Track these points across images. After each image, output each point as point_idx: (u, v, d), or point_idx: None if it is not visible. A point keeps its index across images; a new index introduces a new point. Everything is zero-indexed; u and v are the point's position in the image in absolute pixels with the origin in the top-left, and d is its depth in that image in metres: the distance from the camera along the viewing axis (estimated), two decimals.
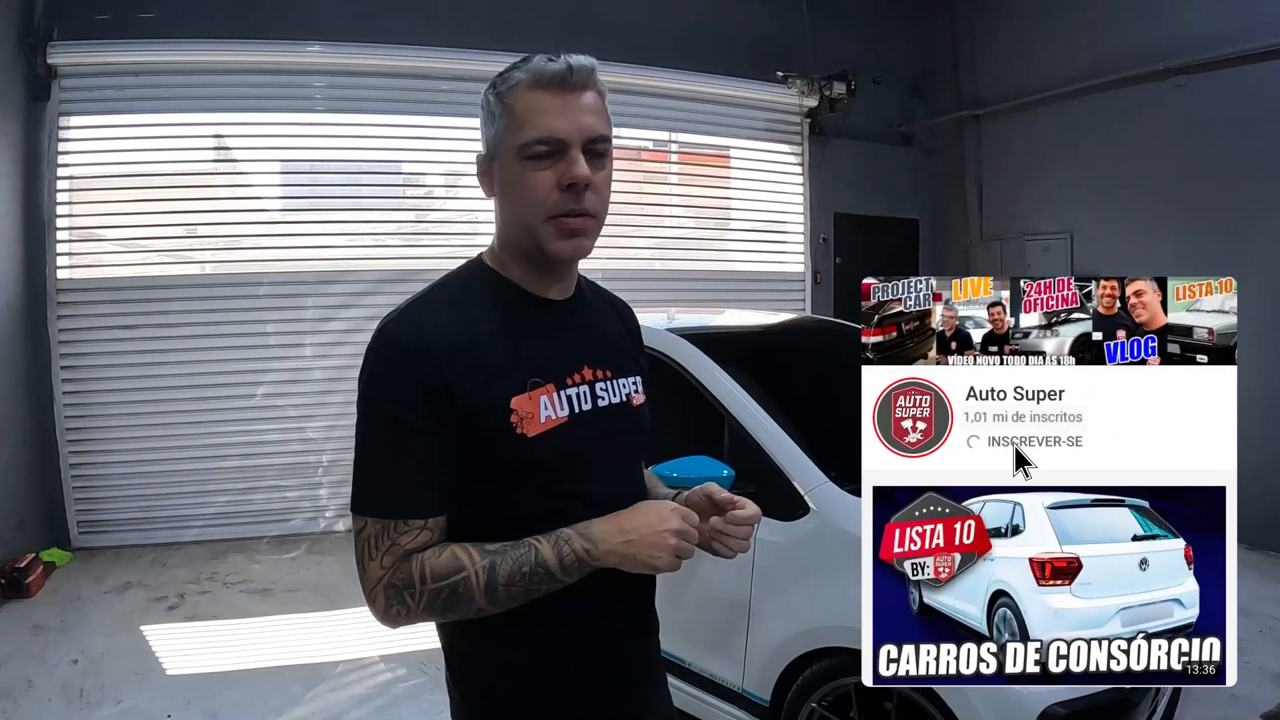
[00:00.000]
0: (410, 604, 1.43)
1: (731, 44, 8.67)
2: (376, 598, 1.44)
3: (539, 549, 1.43)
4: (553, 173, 1.46)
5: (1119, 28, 7.56)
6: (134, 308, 6.79)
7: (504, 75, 1.51)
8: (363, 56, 7.20)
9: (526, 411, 1.47)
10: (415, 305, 1.54)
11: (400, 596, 1.43)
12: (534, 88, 1.47)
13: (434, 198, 8.06)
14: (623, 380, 1.65)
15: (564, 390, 1.53)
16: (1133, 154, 7.52)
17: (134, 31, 6.62)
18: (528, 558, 1.42)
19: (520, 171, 1.47)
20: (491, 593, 1.42)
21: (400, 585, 1.42)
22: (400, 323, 1.50)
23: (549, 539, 1.44)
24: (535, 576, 1.43)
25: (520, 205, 1.49)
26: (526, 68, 1.48)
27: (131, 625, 5.20)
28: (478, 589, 1.41)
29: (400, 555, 1.42)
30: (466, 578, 1.41)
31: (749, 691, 3.41)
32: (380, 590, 1.44)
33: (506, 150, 1.49)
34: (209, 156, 7.25)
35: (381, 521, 1.44)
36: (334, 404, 7.27)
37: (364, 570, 1.46)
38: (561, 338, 1.58)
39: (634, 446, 1.69)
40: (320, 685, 4.47)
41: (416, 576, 1.41)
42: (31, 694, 4.35)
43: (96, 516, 6.81)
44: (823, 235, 9.29)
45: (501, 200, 1.53)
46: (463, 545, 1.44)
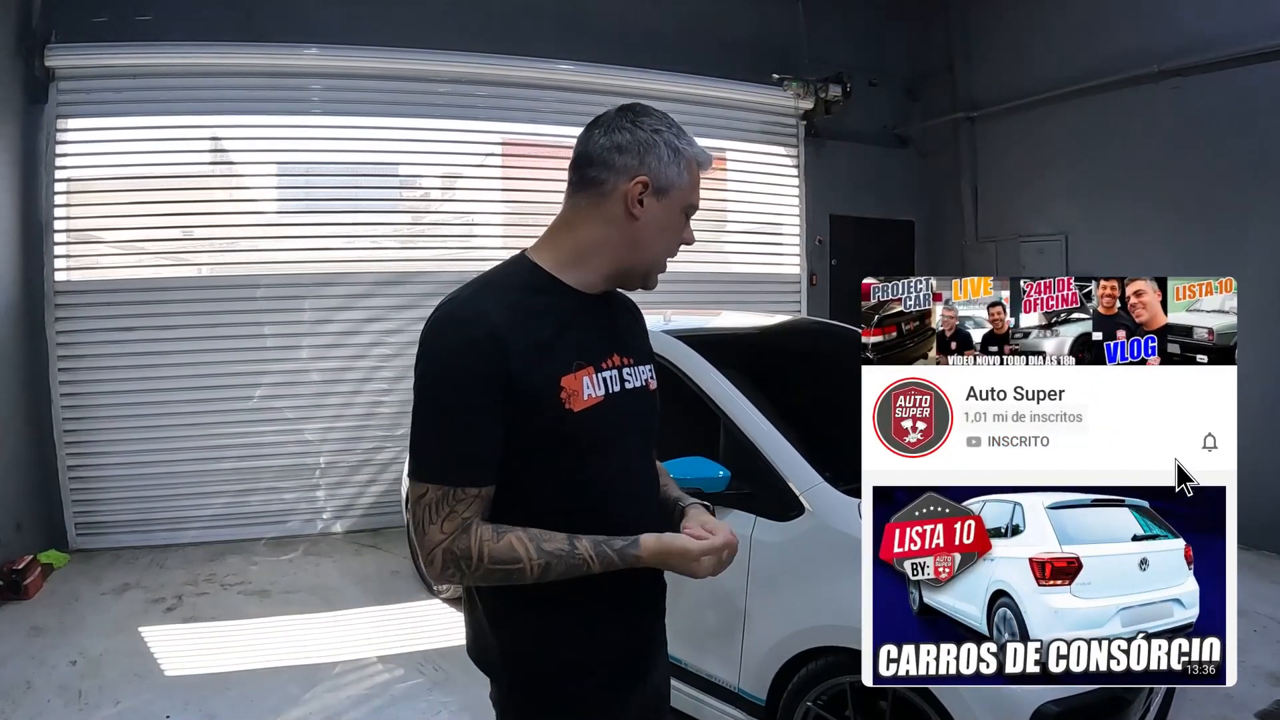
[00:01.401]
0: (465, 571, 1.62)
1: (727, 47, 8.68)
2: (435, 559, 1.62)
3: (590, 564, 1.65)
4: (685, 230, 1.83)
5: (1114, 30, 7.58)
6: (132, 310, 6.78)
7: (682, 133, 1.78)
8: (360, 59, 7.19)
9: (573, 389, 1.68)
10: (475, 292, 1.72)
11: (457, 564, 1.61)
12: (701, 169, 1.80)
13: (431, 200, 8.06)
14: (642, 367, 1.88)
15: (600, 373, 1.74)
16: (1128, 156, 7.54)
17: (131, 34, 6.62)
18: (578, 569, 1.65)
19: (678, 221, 1.79)
20: (541, 579, 1.63)
21: (459, 555, 1.61)
22: (464, 306, 1.67)
23: (599, 559, 1.66)
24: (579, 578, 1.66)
25: (659, 241, 1.79)
26: (697, 147, 1.79)
27: (129, 627, 5.19)
28: (529, 578, 1.62)
29: (460, 524, 1.61)
30: (522, 569, 1.62)
31: (745, 691, 3.42)
32: (439, 553, 1.61)
33: (676, 199, 1.76)
34: (206, 159, 7.25)
35: (442, 488, 1.61)
36: (331, 406, 7.28)
37: (423, 533, 1.62)
38: (596, 328, 1.79)
39: (651, 425, 1.92)
40: (318, 686, 4.47)
41: (475, 553, 1.60)
42: (30, 695, 4.35)
43: (94, 518, 6.80)
44: (818, 237, 9.30)
45: (643, 227, 1.75)
46: (519, 537, 1.63)
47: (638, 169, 1.71)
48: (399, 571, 6.21)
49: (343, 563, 6.52)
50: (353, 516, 7.37)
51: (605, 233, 1.75)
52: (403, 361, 7.28)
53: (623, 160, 1.71)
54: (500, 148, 8.03)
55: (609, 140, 1.73)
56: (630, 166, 1.71)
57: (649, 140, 1.72)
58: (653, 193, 1.73)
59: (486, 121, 7.82)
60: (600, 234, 1.75)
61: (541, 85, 7.86)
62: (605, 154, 1.73)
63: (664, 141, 1.73)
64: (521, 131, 8.02)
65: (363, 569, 6.37)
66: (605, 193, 1.73)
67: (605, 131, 1.75)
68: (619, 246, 1.76)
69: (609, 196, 1.73)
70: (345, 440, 7.34)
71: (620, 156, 1.72)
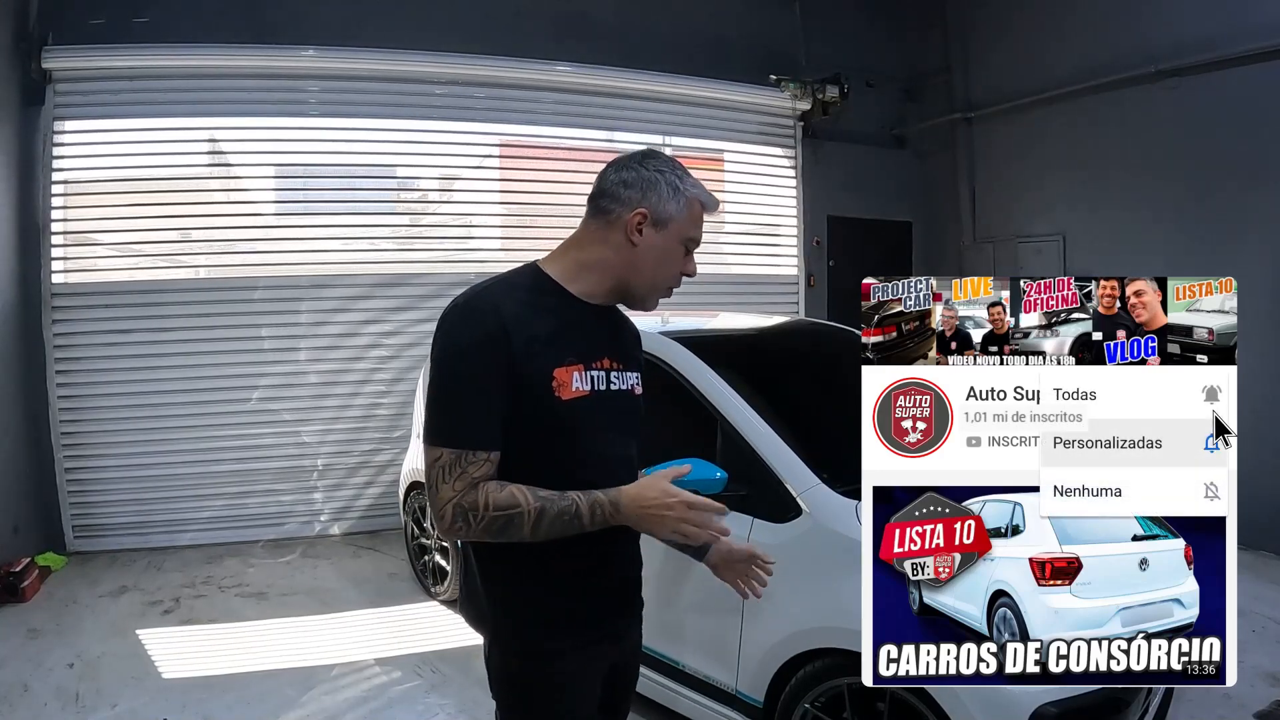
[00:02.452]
0: (471, 523, 1.83)
1: (725, 48, 8.69)
2: (445, 513, 1.84)
3: (578, 505, 1.86)
4: (685, 261, 2.07)
5: (1111, 30, 7.58)
6: (129, 312, 6.77)
7: (685, 175, 2.03)
8: (357, 61, 7.19)
9: (563, 380, 1.92)
10: (488, 288, 1.96)
11: (465, 516, 1.83)
12: (704, 209, 2.05)
13: (428, 202, 8.06)
14: (629, 373, 2.11)
15: (590, 370, 1.98)
16: (1125, 156, 7.54)
17: (128, 36, 6.61)
18: (568, 510, 1.85)
19: (676, 252, 2.03)
20: (536, 528, 1.84)
21: (467, 507, 1.82)
22: (479, 298, 1.92)
23: (585, 498, 1.87)
24: (570, 525, 1.86)
25: (660, 269, 2.03)
26: (702, 190, 2.04)
27: (127, 629, 5.19)
28: (527, 523, 1.83)
29: (469, 482, 1.83)
30: (521, 513, 1.83)
31: (743, 693, 3.42)
32: (449, 507, 1.83)
33: (674, 231, 2.01)
34: (203, 161, 7.23)
35: (456, 451, 1.84)
36: (329, 408, 7.28)
37: (436, 491, 1.85)
38: (591, 333, 2.03)
39: (633, 423, 2.14)
40: (315, 688, 4.47)
41: (481, 503, 1.82)
42: (27, 698, 4.34)
43: (91, 521, 6.79)
44: (816, 238, 9.31)
45: (641, 254, 2.00)
46: (519, 488, 1.85)
47: (640, 202, 1.98)
48: (396, 574, 6.21)
49: (340, 565, 6.52)
50: (350, 519, 7.37)
51: (607, 254, 2.01)
52: (400, 364, 7.29)
53: (628, 194, 1.98)
54: (498, 149, 8.03)
55: (618, 176, 2.01)
56: (633, 199, 1.98)
57: (652, 179, 1.99)
58: (651, 224, 1.99)
59: (484, 123, 7.82)
60: (603, 254, 2.01)
61: (539, 87, 7.87)
62: (614, 188, 2.00)
63: (665, 181, 2.00)
64: (519, 133, 8.03)
65: (360, 571, 6.37)
66: (611, 221, 2.00)
67: (617, 169, 2.02)
68: (618, 267, 2.01)
69: (614, 224, 1.99)
70: (343, 442, 7.34)
71: (626, 190, 1.99)
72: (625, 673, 2.28)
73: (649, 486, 1.92)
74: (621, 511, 1.89)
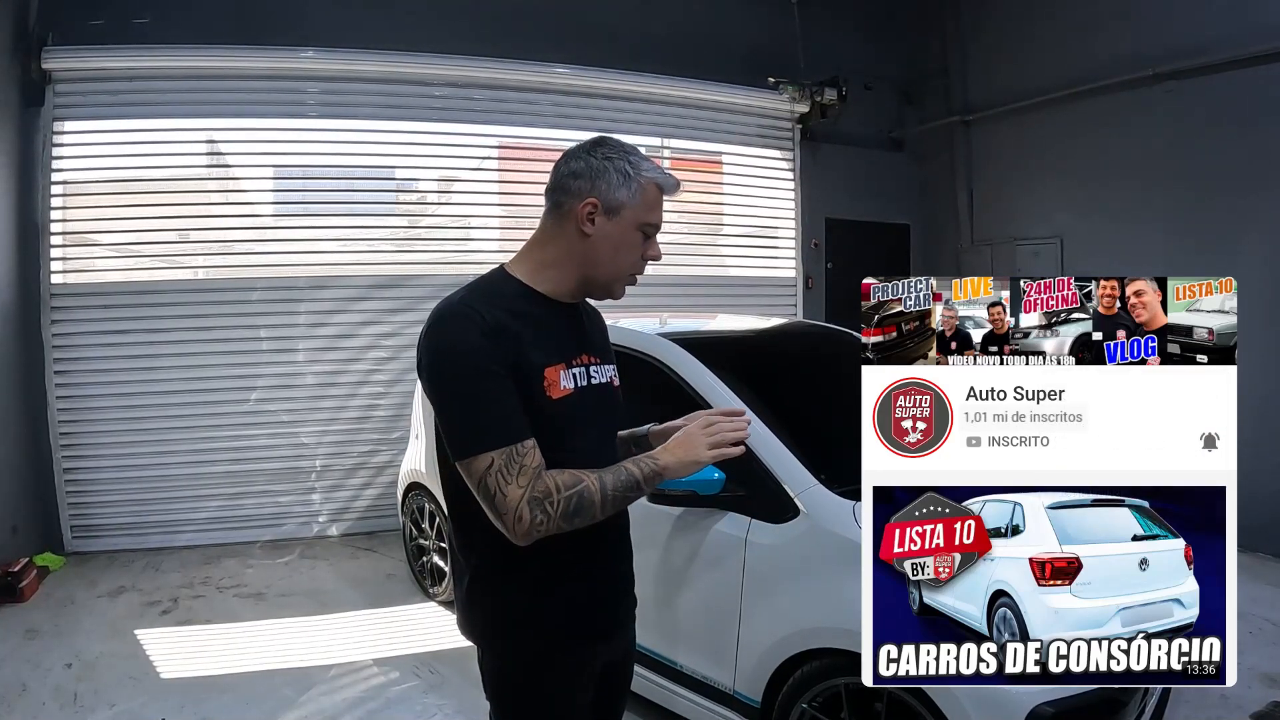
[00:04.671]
0: (550, 511, 1.80)
1: (723, 50, 8.69)
2: (521, 514, 1.79)
3: (630, 469, 1.92)
4: (645, 247, 2.03)
5: (1109, 33, 7.60)
6: (127, 313, 6.77)
7: (638, 161, 1.99)
8: (356, 62, 7.19)
9: (552, 379, 1.92)
10: (464, 298, 1.93)
11: (542, 505, 1.80)
12: (661, 190, 2.01)
13: (427, 203, 8.07)
14: (607, 366, 2.12)
15: (571, 369, 1.98)
16: (1123, 159, 7.55)
17: (128, 37, 6.61)
18: (624, 472, 1.91)
19: (634, 239, 2.00)
20: (604, 499, 1.86)
21: (540, 496, 1.80)
22: (464, 305, 1.89)
23: (632, 462, 1.94)
24: (630, 487, 1.91)
25: (619, 257, 2.01)
26: (658, 172, 2.01)
27: (125, 630, 5.18)
28: (596, 494, 1.85)
29: (532, 474, 1.80)
30: (588, 485, 1.84)
31: (740, 693, 3.42)
32: (524, 506, 1.79)
33: (628, 218, 1.98)
34: (202, 162, 7.24)
35: (505, 450, 1.80)
36: (327, 409, 7.28)
37: (503, 497, 1.79)
38: (565, 331, 2.03)
39: (614, 417, 2.15)
40: (313, 689, 4.46)
41: (552, 486, 1.81)
42: (25, 698, 4.33)
43: (90, 521, 6.79)
44: (814, 240, 9.31)
45: (595, 244, 1.98)
46: (574, 470, 1.86)
47: (589, 191, 1.96)
48: (394, 574, 6.21)
49: (338, 566, 6.52)
50: (348, 520, 7.37)
51: (564, 248, 2.00)
52: (398, 365, 7.29)
53: (577, 184, 1.97)
54: (496, 151, 8.03)
55: (568, 168, 2.00)
56: (582, 189, 1.96)
57: (600, 167, 1.97)
58: (603, 212, 1.96)
59: (483, 125, 7.83)
60: (562, 249, 2.00)
61: (538, 89, 7.87)
62: (564, 180, 1.99)
63: (614, 168, 1.97)
64: (518, 135, 8.02)
65: (358, 572, 6.37)
66: (565, 214, 1.99)
67: (567, 160, 2.02)
68: (576, 259, 2.00)
69: (567, 217, 1.98)
70: (341, 443, 7.34)
71: (575, 181, 1.97)
72: (620, 671, 2.27)
73: (669, 429, 2.09)
74: (660, 460, 1.96)
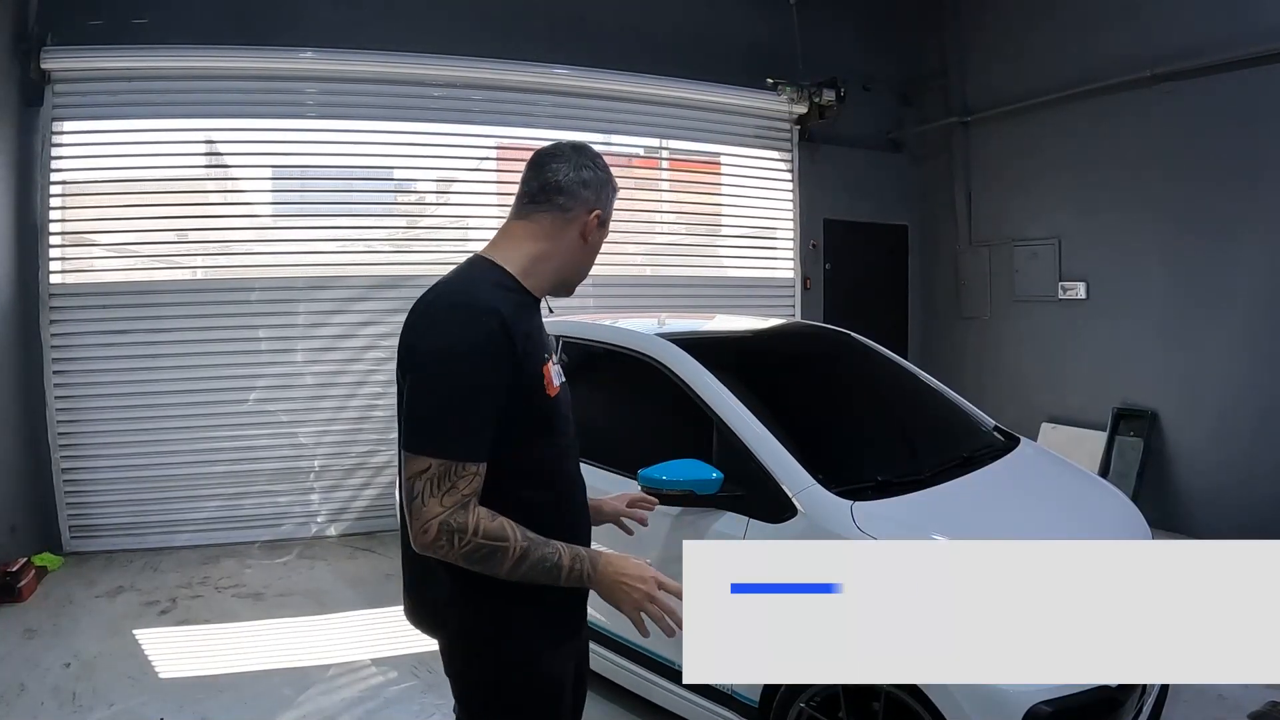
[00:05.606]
0: (455, 545, 1.78)
1: (722, 51, 8.71)
2: (429, 529, 1.77)
3: (561, 556, 1.88)
4: None
5: (1107, 34, 7.59)
6: (126, 313, 6.78)
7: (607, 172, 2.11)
8: (355, 63, 7.21)
9: (548, 376, 1.97)
10: (474, 287, 1.93)
11: (451, 537, 1.77)
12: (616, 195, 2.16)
13: (425, 204, 8.09)
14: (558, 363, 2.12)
15: (555, 364, 2.04)
16: (1121, 160, 7.55)
17: (127, 37, 6.63)
18: (550, 557, 1.86)
19: (602, 240, 2.13)
20: (515, 567, 1.82)
21: (455, 527, 1.77)
22: (475, 299, 1.87)
23: (568, 552, 1.89)
24: (548, 574, 1.87)
25: (591, 260, 2.14)
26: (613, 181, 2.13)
27: (124, 629, 5.20)
28: (509, 560, 1.81)
29: (460, 500, 1.78)
30: (507, 548, 1.81)
31: (738, 693, 3.43)
32: (435, 524, 1.77)
33: (608, 228, 2.12)
34: (201, 162, 7.26)
35: (445, 464, 1.78)
36: (325, 409, 7.30)
37: (421, 503, 1.78)
38: (542, 327, 2.09)
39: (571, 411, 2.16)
40: (312, 689, 4.48)
41: (470, 527, 1.78)
42: (24, 698, 4.35)
43: (88, 521, 6.80)
44: (812, 241, 9.32)
45: (590, 252, 2.11)
46: (509, 522, 1.83)
47: (595, 203, 2.06)
48: (393, 575, 6.18)
49: (337, 566, 6.53)
50: (347, 520, 7.38)
51: (563, 249, 2.06)
52: None
53: (586, 194, 2.05)
54: (495, 152, 8.04)
55: (577, 176, 2.04)
56: (590, 200, 2.05)
57: (603, 180, 2.09)
58: (599, 224, 2.08)
59: (481, 126, 7.84)
60: (558, 249, 2.05)
61: (536, 89, 7.90)
62: (574, 186, 2.04)
63: (610, 182, 2.11)
64: (516, 136, 8.01)
65: (357, 572, 6.38)
66: (569, 219, 2.04)
67: (574, 168, 2.05)
68: (566, 261, 2.07)
69: (571, 222, 2.05)
70: (339, 444, 7.35)
71: (585, 190, 2.04)
72: (584, 665, 2.34)
73: (628, 560, 1.95)
74: (597, 573, 1.92)
